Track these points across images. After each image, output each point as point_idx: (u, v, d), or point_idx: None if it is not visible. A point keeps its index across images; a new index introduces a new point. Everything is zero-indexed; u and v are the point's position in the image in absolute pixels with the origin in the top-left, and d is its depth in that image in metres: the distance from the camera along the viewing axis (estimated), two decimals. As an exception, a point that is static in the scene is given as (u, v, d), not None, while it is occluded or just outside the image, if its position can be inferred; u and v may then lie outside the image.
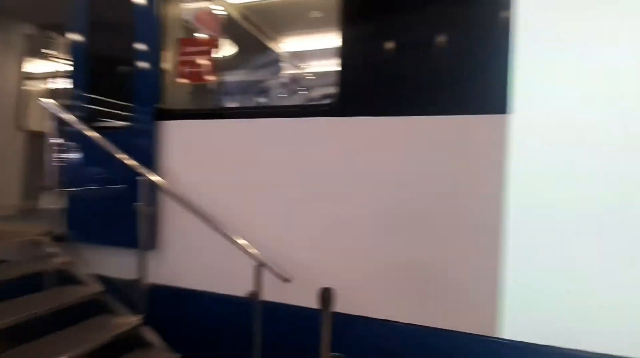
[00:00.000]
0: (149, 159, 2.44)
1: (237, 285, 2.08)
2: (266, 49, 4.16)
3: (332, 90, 2.13)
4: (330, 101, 2.20)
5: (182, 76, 2.52)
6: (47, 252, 2.47)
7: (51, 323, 2.05)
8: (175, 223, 2.43)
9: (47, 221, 2.61)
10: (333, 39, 2.12)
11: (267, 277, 1.94)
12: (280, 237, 2.19)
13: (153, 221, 2.42)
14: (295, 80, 3.60)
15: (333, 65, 2.13)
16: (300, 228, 2.17)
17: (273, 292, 1.99)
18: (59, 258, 2.44)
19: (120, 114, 2.57)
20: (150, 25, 2.48)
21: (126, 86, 2.53)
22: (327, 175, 2.10)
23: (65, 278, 2.42)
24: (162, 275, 2.45)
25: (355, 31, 2.06)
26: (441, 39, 1.87)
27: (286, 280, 1.90)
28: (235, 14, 3.56)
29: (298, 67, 4.08)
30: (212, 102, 2.93)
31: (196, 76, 2.50)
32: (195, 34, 2.68)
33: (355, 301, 1.95)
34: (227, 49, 4.09)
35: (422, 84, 1.94)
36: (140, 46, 2.51)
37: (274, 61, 4.16)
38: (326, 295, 1.60)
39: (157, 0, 2.47)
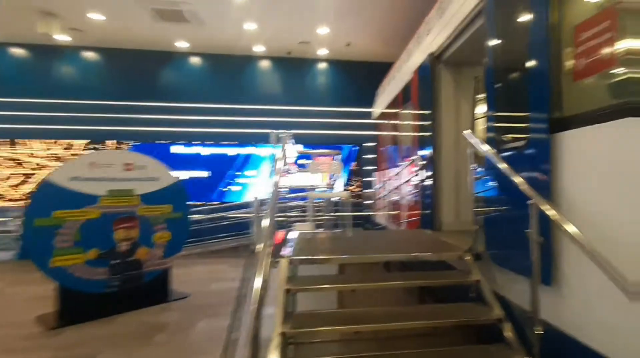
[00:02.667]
0: (545, 180, 2.24)
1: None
2: None
3: None
4: None
5: (580, 71, 2.11)
6: (467, 267, 2.89)
7: (450, 335, 2.41)
8: (577, 259, 2.04)
9: (472, 238, 3.04)
10: None
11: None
12: None
13: (548, 252, 2.18)
14: None
15: None
16: None
17: None
18: (473, 275, 2.79)
19: (520, 130, 2.56)
20: (541, 28, 2.32)
21: (523, 100, 2.49)
22: None
23: (477, 294, 2.72)
24: (560, 317, 2.13)
25: None
26: None
27: None
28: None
29: None
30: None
31: (597, 65, 2.00)
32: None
33: None
34: None
35: None
36: (533, 54, 2.41)
37: None
38: None
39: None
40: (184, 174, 9.89)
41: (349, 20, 8.25)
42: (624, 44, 1.91)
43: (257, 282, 1.94)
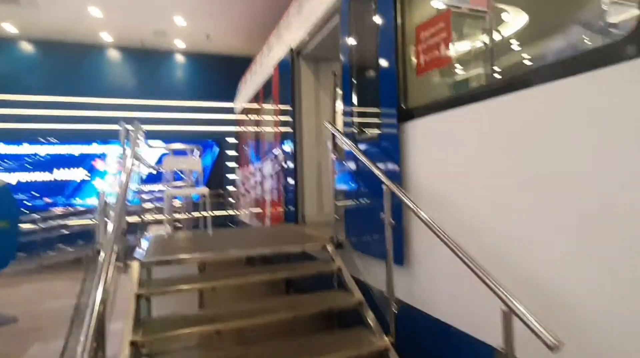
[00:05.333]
0: (396, 166, 2.35)
1: (492, 328, 1.55)
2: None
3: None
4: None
5: (422, 67, 2.27)
6: (329, 256, 2.88)
7: (313, 324, 2.34)
8: (425, 238, 2.17)
9: (334, 228, 3.05)
10: None
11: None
12: (561, 272, 1.46)
13: (400, 235, 2.28)
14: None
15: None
16: (601, 259, 1.35)
17: (535, 352, 1.32)
18: (335, 263, 2.78)
19: (374, 121, 2.65)
20: (389, 28, 2.44)
21: (375, 94, 2.59)
22: None
23: (340, 282, 2.73)
24: (412, 294, 2.26)
25: None
26: None
27: (551, 348, 1.18)
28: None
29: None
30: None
31: (434, 61, 2.17)
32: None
33: None
34: (515, 19, 3.40)
35: None
36: (382, 51, 2.51)
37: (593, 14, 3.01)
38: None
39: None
40: (15, 178, 8.26)
41: (208, 12, 7.78)
42: (456, 44, 2.11)
43: (98, 293, 1.53)
